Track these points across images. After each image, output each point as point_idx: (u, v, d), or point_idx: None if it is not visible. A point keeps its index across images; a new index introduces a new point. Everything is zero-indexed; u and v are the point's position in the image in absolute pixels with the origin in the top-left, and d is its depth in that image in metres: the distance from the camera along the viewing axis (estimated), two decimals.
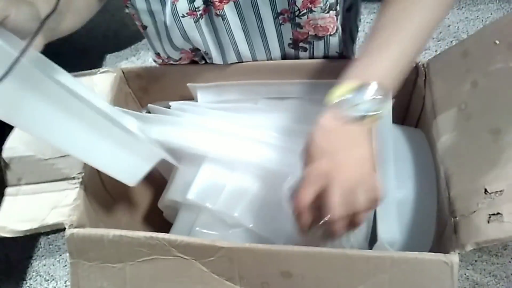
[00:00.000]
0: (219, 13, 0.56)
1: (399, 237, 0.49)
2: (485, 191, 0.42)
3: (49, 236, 1.10)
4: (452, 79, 0.54)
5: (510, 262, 0.91)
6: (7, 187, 0.56)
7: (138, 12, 0.59)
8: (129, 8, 0.60)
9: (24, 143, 0.57)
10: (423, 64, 0.60)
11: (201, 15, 0.57)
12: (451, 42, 1.38)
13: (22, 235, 0.52)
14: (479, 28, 1.38)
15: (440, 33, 1.40)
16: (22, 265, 1.06)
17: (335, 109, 0.41)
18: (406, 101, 0.66)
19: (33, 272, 1.05)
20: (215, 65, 0.65)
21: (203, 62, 0.67)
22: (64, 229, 0.50)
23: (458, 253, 0.41)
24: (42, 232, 0.53)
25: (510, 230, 0.38)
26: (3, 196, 0.55)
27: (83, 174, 0.55)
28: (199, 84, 0.65)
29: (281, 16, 0.57)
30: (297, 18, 0.56)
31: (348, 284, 0.43)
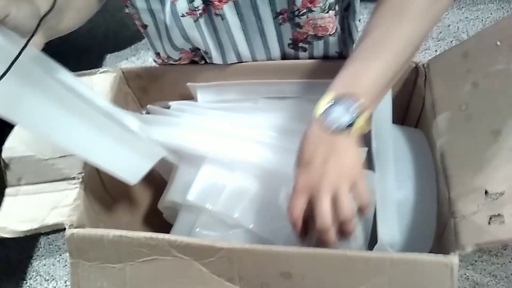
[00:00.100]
0: (218, 12, 0.56)
1: (399, 238, 0.49)
2: (486, 192, 0.42)
3: (49, 236, 1.10)
4: (453, 79, 0.54)
5: (510, 262, 0.91)
6: (7, 187, 0.56)
7: (138, 11, 0.59)
8: (129, 7, 0.60)
9: (24, 143, 0.57)
10: (423, 65, 0.60)
11: (200, 14, 0.57)
12: (451, 42, 1.38)
13: (22, 235, 0.52)
14: (479, 28, 1.39)
15: (440, 33, 1.40)
16: (22, 265, 1.06)
17: (320, 120, 0.43)
18: (406, 101, 0.66)
19: (33, 272, 1.05)
20: (215, 65, 0.65)
21: (203, 62, 0.67)
22: (64, 229, 0.50)
23: (458, 254, 0.41)
24: (42, 232, 0.53)
25: (511, 231, 0.38)
26: (3, 197, 0.55)
27: (83, 174, 0.55)
28: (199, 83, 0.65)
29: (280, 16, 0.57)
30: (296, 18, 0.56)
31: (348, 285, 0.43)
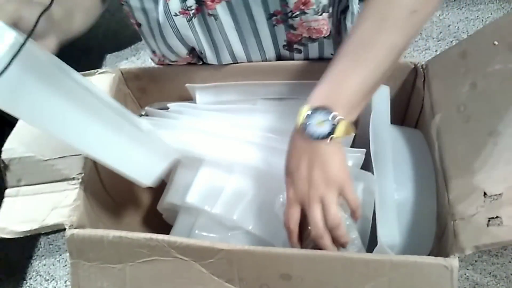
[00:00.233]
0: (211, 12, 0.56)
1: (399, 240, 0.49)
2: (484, 194, 0.42)
3: (49, 236, 1.10)
4: (451, 80, 0.54)
5: (510, 262, 0.91)
6: (7, 188, 0.56)
7: (132, 9, 0.59)
8: (124, 6, 0.60)
9: (23, 144, 0.57)
10: (422, 65, 0.60)
11: (194, 14, 0.57)
12: (451, 42, 1.37)
13: (22, 236, 0.52)
14: (479, 28, 1.38)
15: (440, 33, 1.39)
16: (22, 265, 1.05)
17: (300, 131, 0.43)
18: (405, 102, 0.66)
19: (33, 272, 1.05)
20: (214, 66, 0.65)
21: (200, 63, 0.67)
22: (64, 229, 0.50)
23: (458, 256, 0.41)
24: (42, 232, 0.53)
25: (510, 233, 0.38)
26: (3, 198, 0.56)
27: (83, 174, 0.55)
28: (197, 84, 0.65)
29: (274, 17, 0.57)
30: (290, 19, 0.56)
31: (348, 287, 0.43)
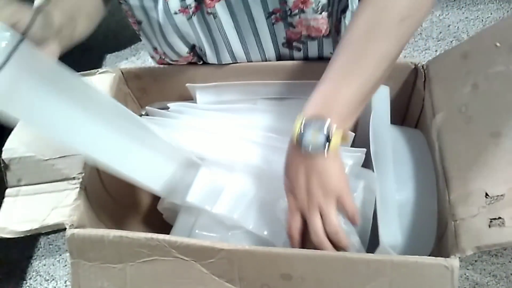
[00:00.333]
0: (210, 11, 0.56)
1: (400, 240, 0.49)
2: (486, 195, 0.42)
3: (49, 236, 1.10)
4: (452, 81, 0.54)
5: (510, 262, 0.91)
6: (7, 188, 0.56)
7: (132, 8, 0.59)
8: (122, 4, 0.60)
9: (23, 144, 0.57)
10: (422, 66, 0.59)
11: (193, 12, 0.57)
12: (451, 42, 1.37)
13: (22, 235, 0.52)
14: (479, 28, 1.38)
15: (440, 33, 1.39)
16: (22, 265, 1.05)
17: (296, 145, 0.43)
18: (406, 103, 0.66)
19: (33, 272, 1.05)
20: (214, 65, 0.65)
21: (201, 63, 0.67)
22: (65, 229, 0.50)
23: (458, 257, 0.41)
24: (43, 232, 0.53)
25: (511, 235, 0.38)
26: (3, 197, 0.55)
27: (83, 174, 0.55)
28: (198, 84, 0.65)
29: (273, 16, 0.57)
30: (289, 17, 0.56)
31: (348, 287, 0.43)
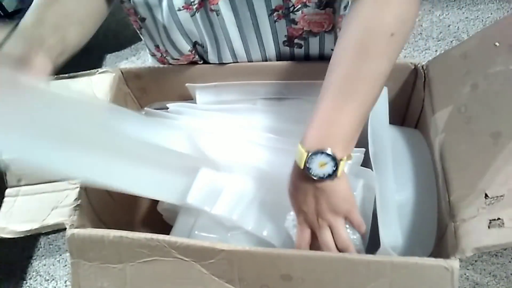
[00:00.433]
0: (213, 8, 0.56)
1: (401, 241, 0.49)
2: (486, 196, 0.42)
3: (49, 236, 1.10)
4: (452, 81, 0.54)
5: (510, 262, 0.91)
6: (7, 188, 0.56)
7: (136, 5, 0.58)
8: (125, 3, 0.59)
9: None
10: (422, 66, 0.59)
11: (197, 9, 0.57)
12: (451, 42, 1.37)
13: (22, 235, 0.52)
14: (479, 28, 1.38)
15: (440, 33, 1.40)
16: (22, 265, 1.06)
17: (305, 173, 0.43)
18: (405, 103, 0.66)
19: (33, 272, 1.05)
20: (214, 65, 0.65)
21: (201, 62, 0.67)
22: (65, 229, 0.50)
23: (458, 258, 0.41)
24: (43, 232, 0.53)
25: (511, 235, 0.38)
26: (3, 197, 0.56)
27: None
28: (197, 84, 0.65)
29: (275, 13, 0.57)
30: (291, 14, 0.56)
31: None
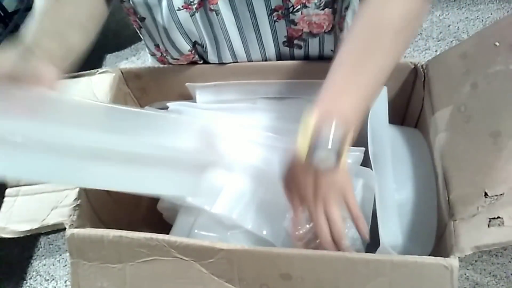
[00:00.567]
0: (213, 8, 0.56)
1: (401, 240, 0.49)
2: (485, 194, 0.42)
3: (49, 236, 1.10)
4: (451, 80, 0.54)
5: (510, 262, 0.91)
6: (7, 188, 0.56)
7: (135, 4, 0.58)
8: (124, 2, 0.59)
9: None
10: (422, 65, 0.59)
11: (196, 9, 0.57)
12: (451, 42, 1.37)
13: (22, 235, 0.52)
14: (479, 28, 1.38)
15: (440, 33, 1.39)
16: (22, 265, 1.06)
17: (307, 161, 0.41)
18: (405, 103, 0.66)
19: (33, 272, 1.05)
20: (214, 65, 0.65)
21: (201, 62, 0.67)
22: (64, 229, 0.50)
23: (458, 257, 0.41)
24: (43, 232, 0.53)
25: (510, 234, 0.38)
26: (3, 197, 0.56)
27: None
28: (197, 84, 0.65)
29: (275, 13, 0.57)
30: (291, 14, 0.56)
31: (348, 287, 0.43)
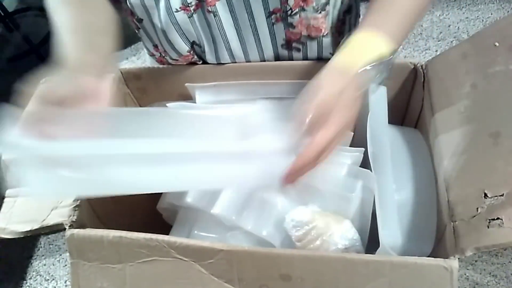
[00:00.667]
0: (210, 9, 0.56)
1: (400, 241, 0.49)
2: (485, 195, 0.42)
3: (49, 236, 1.10)
4: (451, 81, 0.54)
5: (510, 262, 0.91)
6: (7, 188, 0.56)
7: (132, 6, 0.58)
8: (122, 3, 0.59)
9: None
10: (421, 66, 0.59)
11: (194, 10, 0.57)
12: (451, 42, 1.38)
13: (22, 236, 0.52)
14: (479, 28, 1.38)
15: (441, 33, 1.40)
16: (22, 265, 1.06)
17: (355, 79, 0.42)
18: (405, 103, 0.66)
19: (33, 272, 1.05)
20: (213, 65, 0.65)
21: (200, 62, 0.67)
22: (64, 229, 0.50)
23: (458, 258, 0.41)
24: (43, 232, 0.53)
25: (510, 235, 0.38)
26: (3, 198, 0.56)
27: None
28: (197, 84, 0.65)
29: (273, 15, 0.57)
30: (289, 17, 0.56)
31: None
